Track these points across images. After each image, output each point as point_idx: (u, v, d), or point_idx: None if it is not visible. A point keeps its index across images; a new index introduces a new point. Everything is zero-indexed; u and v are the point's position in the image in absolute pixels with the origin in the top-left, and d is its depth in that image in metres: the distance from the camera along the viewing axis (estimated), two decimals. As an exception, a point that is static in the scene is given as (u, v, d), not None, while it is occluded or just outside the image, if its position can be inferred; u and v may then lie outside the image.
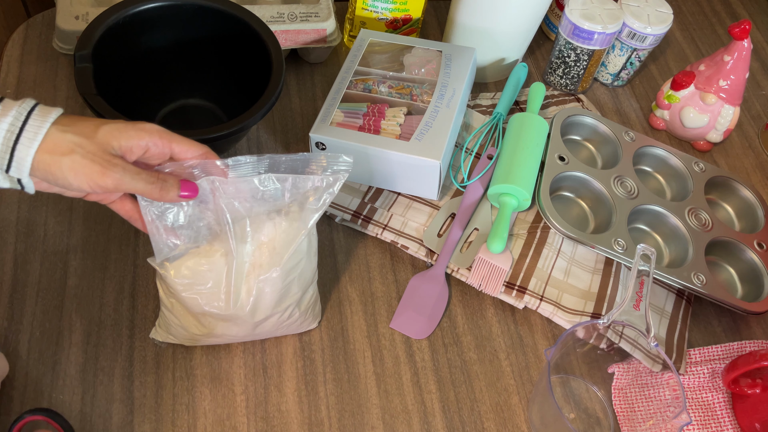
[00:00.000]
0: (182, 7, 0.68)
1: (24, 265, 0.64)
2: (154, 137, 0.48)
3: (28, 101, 0.46)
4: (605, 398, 0.64)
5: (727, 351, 0.67)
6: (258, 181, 0.52)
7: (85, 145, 0.45)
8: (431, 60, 0.76)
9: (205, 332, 0.57)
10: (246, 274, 0.54)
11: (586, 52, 0.83)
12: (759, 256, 0.72)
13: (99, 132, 0.46)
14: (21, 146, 0.44)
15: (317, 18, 0.78)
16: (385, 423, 0.60)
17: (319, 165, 0.54)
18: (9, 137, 0.44)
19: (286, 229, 0.54)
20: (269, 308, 0.56)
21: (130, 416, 0.58)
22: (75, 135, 0.45)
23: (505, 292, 0.67)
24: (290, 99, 0.82)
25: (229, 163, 0.51)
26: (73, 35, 0.73)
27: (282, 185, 0.53)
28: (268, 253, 0.54)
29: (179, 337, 0.59)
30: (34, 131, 0.44)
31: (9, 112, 0.44)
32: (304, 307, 0.60)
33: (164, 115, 0.76)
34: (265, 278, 0.54)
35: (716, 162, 0.86)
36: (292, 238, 0.54)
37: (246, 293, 0.54)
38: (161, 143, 0.48)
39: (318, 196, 0.54)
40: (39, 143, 0.44)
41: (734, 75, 0.79)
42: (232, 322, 0.56)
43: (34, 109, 0.45)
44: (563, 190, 0.76)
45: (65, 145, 0.45)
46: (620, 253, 0.67)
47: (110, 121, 0.47)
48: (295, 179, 0.53)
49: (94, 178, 0.45)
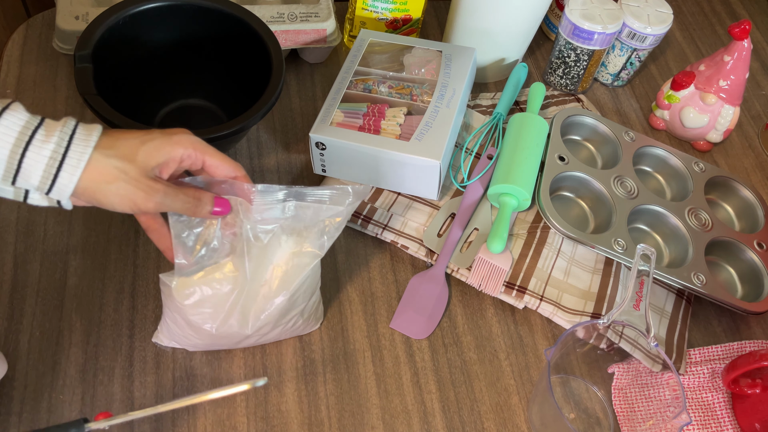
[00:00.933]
0: (182, 7, 0.68)
1: (24, 265, 0.64)
2: (188, 149, 0.49)
3: (69, 122, 0.45)
4: (605, 398, 0.64)
5: (727, 351, 0.67)
6: (282, 208, 0.53)
7: (128, 170, 0.46)
8: (431, 60, 0.76)
9: (209, 342, 0.58)
10: (258, 297, 0.55)
11: (586, 52, 0.83)
12: (759, 256, 0.72)
13: (139, 154, 0.46)
14: (64, 173, 0.44)
15: (317, 18, 0.78)
16: (385, 423, 0.60)
17: (343, 197, 0.55)
18: (52, 164, 0.44)
19: (301, 255, 0.55)
20: (273, 323, 0.57)
21: (130, 416, 0.58)
22: (118, 160, 0.45)
23: (505, 292, 0.67)
24: (290, 99, 0.82)
25: (259, 188, 0.52)
26: (73, 35, 0.73)
27: (303, 213, 0.54)
28: (279, 277, 0.55)
29: (182, 343, 0.59)
30: (77, 158, 0.44)
31: (51, 138, 0.44)
32: (307, 314, 0.60)
33: (164, 115, 0.76)
34: (273, 301, 0.55)
35: (716, 162, 0.86)
36: (305, 265, 0.55)
37: (253, 315, 0.55)
38: (195, 155, 0.49)
39: (335, 225, 0.56)
40: (82, 171, 0.44)
41: (734, 75, 0.79)
42: (234, 335, 0.57)
43: (75, 131, 0.45)
44: (563, 190, 0.76)
45: (109, 172, 0.45)
46: (620, 253, 0.67)
47: (148, 138, 0.47)
48: (318, 210, 0.54)
49: (137, 203, 0.46)
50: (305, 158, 0.77)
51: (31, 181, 0.44)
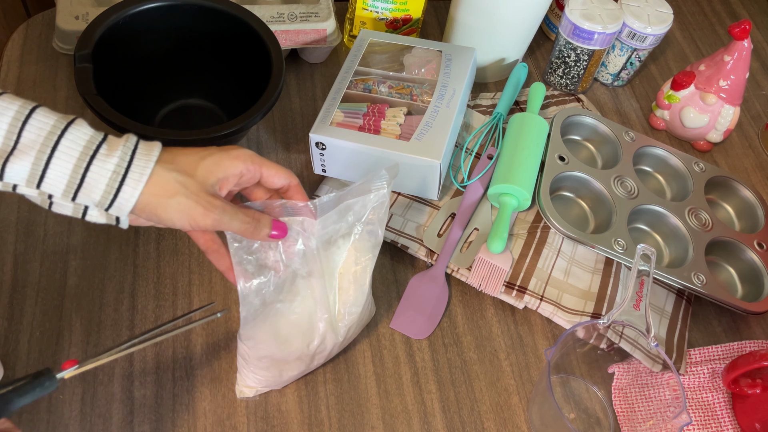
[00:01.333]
0: (182, 6, 0.68)
1: (24, 265, 0.64)
2: (247, 163, 0.49)
3: (131, 138, 0.46)
4: (605, 398, 0.64)
5: (727, 351, 0.67)
6: (336, 215, 0.53)
7: (188, 184, 0.45)
8: (431, 60, 0.76)
9: (303, 369, 0.58)
10: (336, 304, 0.56)
11: (586, 52, 0.83)
12: (759, 256, 0.72)
13: (199, 169, 0.46)
14: (126, 187, 0.44)
15: (317, 18, 0.78)
16: (385, 423, 0.60)
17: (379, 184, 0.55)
18: (115, 178, 0.44)
19: (362, 249, 0.56)
20: (357, 322, 0.58)
21: (130, 416, 0.58)
22: (179, 174, 0.45)
23: (505, 292, 0.67)
24: (290, 99, 0.82)
25: (317, 203, 0.52)
26: (73, 35, 0.73)
27: (352, 211, 0.54)
28: (352, 280, 0.56)
29: (270, 385, 0.59)
30: (139, 172, 0.44)
31: (115, 153, 0.44)
32: (370, 302, 0.62)
33: (164, 115, 0.76)
34: (353, 301, 0.56)
35: (716, 162, 0.86)
36: (369, 258, 0.56)
37: (340, 322, 0.56)
38: (253, 168, 0.49)
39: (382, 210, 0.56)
40: (144, 185, 0.44)
41: (734, 75, 0.79)
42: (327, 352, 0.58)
43: (137, 146, 0.45)
44: (563, 190, 0.76)
45: (171, 186, 0.45)
46: (620, 253, 0.67)
47: (207, 153, 0.47)
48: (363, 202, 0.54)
49: (196, 219, 0.46)
50: (305, 158, 0.77)
51: (93, 195, 0.44)
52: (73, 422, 0.57)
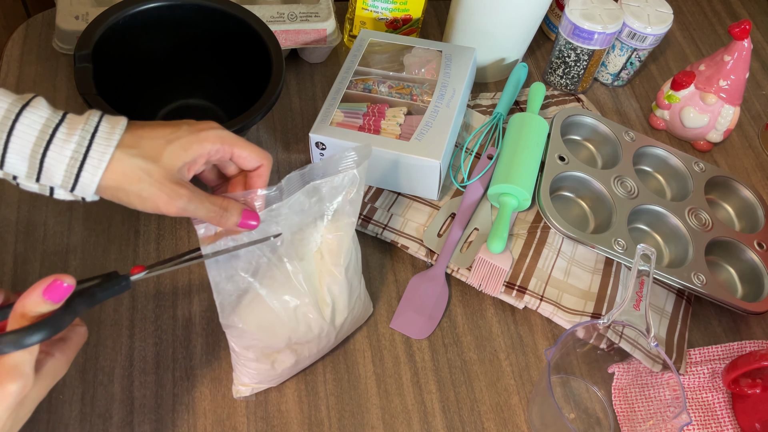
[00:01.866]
0: (182, 7, 0.68)
1: (24, 265, 0.64)
2: (216, 144, 0.47)
3: (92, 117, 0.44)
4: (605, 398, 0.64)
5: (727, 351, 0.67)
6: (303, 194, 0.52)
7: (153, 171, 0.44)
8: (431, 60, 0.76)
9: (294, 361, 0.57)
10: (318, 287, 0.55)
11: (586, 52, 0.83)
12: (759, 256, 0.72)
13: (165, 154, 0.45)
14: (86, 173, 0.43)
15: (317, 18, 0.78)
16: (385, 423, 0.60)
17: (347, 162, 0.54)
18: (73, 164, 0.43)
19: (335, 229, 0.55)
20: (345, 309, 0.57)
21: (130, 416, 0.58)
22: (142, 160, 0.44)
23: (505, 292, 0.67)
24: (290, 99, 0.82)
25: (282, 186, 0.51)
26: (73, 35, 0.73)
27: (322, 191, 0.53)
28: (327, 259, 0.55)
29: (266, 381, 0.59)
30: (98, 158, 0.43)
31: (72, 137, 0.43)
32: (363, 295, 0.62)
33: (164, 115, 0.76)
34: (332, 281, 0.55)
35: (716, 162, 0.86)
36: (342, 238, 0.55)
37: (323, 305, 0.55)
38: (223, 149, 0.48)
39: (354, 191, 0.55)
40: (103, 171, 0.43)
41: (734, 75, 0.79)
42: (317, 340, 0.57)
43: (98, 127, 0.44)
44: (563, 190, 0.76)
45: (133, 174, 0.44)
46: (620, 253, 0.67)
47: (174, 136, 0.46)
48: (332, 181, 0.53)
49: (159, 207, 0.45)
50: (305, 158, 0.77)
51: (54, 180, 0.43)
52: (73, 422, 0.57)
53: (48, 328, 0.39)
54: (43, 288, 0.40)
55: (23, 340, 0.38)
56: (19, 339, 0.38)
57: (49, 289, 0.40)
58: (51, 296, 0.40)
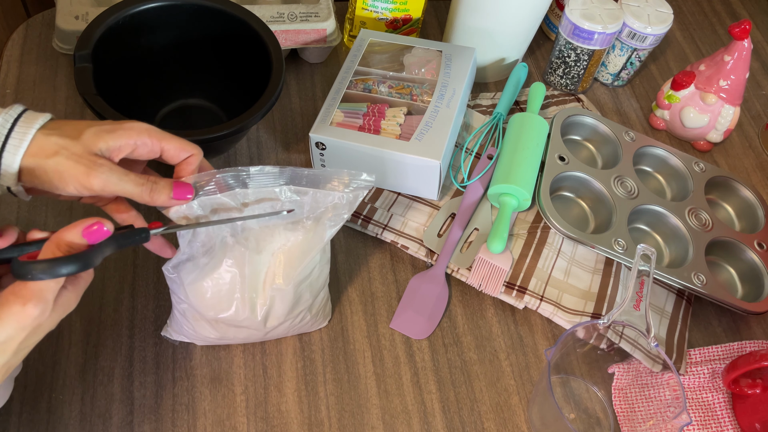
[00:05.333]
0: (182, 7, 0.68)
1: (24, 265, 0.64)
2: (143, 136, 0.47)
3: (15, 108, 0.45)
4: (605, 398, 0.64)
5: (727, 351, 0.67)
6: (278, 191, 0.52)
7: (70, 146, 0.44)
8: (431, 60, 0.76)
9: (218, 336, 0.58)
10: (261, 285, 0.54)
11: (586, 52, 0.83)
12: (759, 256, 0.72)
13: (84, 134, 0.45)
14: (7, 154, 0.43)
15: (317, 18, 0.78)
16: (385, 423, 0.60)
17: (341, 182, 0.54)
18: None
19: (302, 242, 0.54)
20: (281, 316, 0.57)
21: (130, 416, 0.58)
22: (60, 137, 0.44)
23: (505, 292, 0.67)
24: (290, 99, 0.82)
25: (251, 171, 0.51)
26: (73, 35, 0.73)
27: (302, 198, 0.53)
28: (282, 265, 0.54)
29: (191, 337, 0.59)
30: (19, 138, 0.44)
31: None
32: (315, 310, 0.60)
33: (164, 115, 0.76)
34: (277, 288, 0.54)
35: (716, 162, 0.86)
36: (307, 251, 0.54)
37: (260, 304, 0.55)
38: (150, 142, 0.48)
39: (337, 213, 0.54)
40: (24, 150, 0.44)
41: (734, 75, 0.79)
42: (244, 328, 0.57)
43: (21, 115, 0.45)
44: (563, 190, 0.76)
45: (49, 148, 0.44)
46: (620, 253, 0.67)
47: (97, 123, 0.46)
48: (316, 194, 0.53)
49: (80, 180, 0.44)
50: (305, 158, 0.77)
51: None
52: (72, 422, 0.57)
53: (80, 263, 0.41)
54: (84, 227, 0.42)
55: (57, 270, 0.40)
56: (53, 267, 0.40)
57: (89, 229, 0.42)
58: (89, 237, 0.42)
